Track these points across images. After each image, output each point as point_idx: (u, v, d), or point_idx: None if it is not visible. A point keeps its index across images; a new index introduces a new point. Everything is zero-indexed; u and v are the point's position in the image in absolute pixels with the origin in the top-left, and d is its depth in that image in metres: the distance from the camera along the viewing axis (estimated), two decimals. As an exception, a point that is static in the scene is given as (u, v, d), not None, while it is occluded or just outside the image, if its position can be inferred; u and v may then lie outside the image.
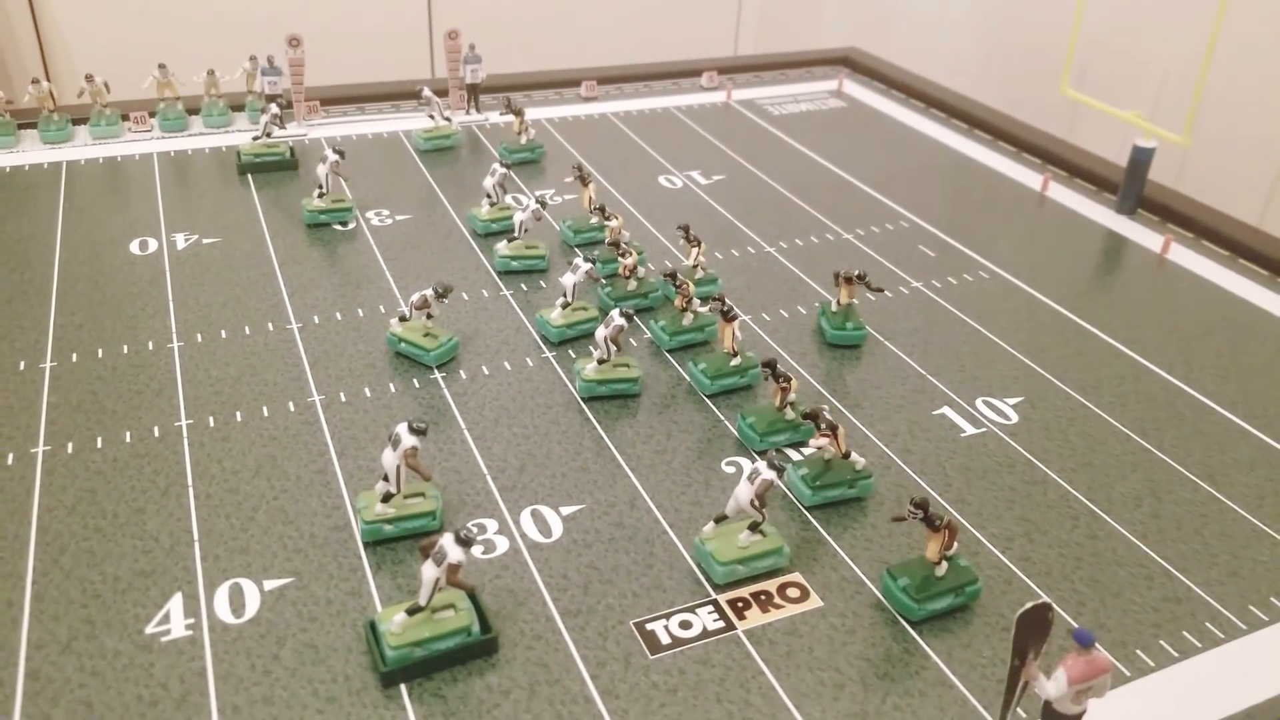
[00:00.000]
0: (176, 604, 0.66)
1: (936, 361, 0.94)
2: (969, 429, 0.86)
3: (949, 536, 0.67)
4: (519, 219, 1.05)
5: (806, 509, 0.76)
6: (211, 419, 0.82)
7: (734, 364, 0.88)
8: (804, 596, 0.68)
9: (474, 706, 0.60)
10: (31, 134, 1.32)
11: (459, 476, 0.77)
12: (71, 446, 0.78)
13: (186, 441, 0.79)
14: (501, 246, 1.05)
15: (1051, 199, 1.29)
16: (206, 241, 1.09)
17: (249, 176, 1.24)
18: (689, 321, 0.93)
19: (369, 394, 0.86)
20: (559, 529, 0.73)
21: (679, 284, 0.94)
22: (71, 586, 0.66)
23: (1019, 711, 0.59)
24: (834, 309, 0.97)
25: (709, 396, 0.87)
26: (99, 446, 0.79)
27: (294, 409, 0.84)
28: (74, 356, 0.89)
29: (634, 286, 0.99)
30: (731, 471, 0.79)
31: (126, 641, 0.63)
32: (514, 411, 0.84)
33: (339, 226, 1.13)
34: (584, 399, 0.86)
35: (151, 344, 0.91)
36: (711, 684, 0.62)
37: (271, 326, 0.94)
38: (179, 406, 0.83)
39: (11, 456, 0.77)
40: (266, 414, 0.83)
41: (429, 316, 0.91)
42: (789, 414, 0.82)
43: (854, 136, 1.47)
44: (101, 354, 0.89)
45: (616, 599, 0.67)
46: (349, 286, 1.01)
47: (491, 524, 0.73)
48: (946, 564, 0.68)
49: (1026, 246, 1.17)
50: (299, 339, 0.93)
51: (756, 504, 0.68)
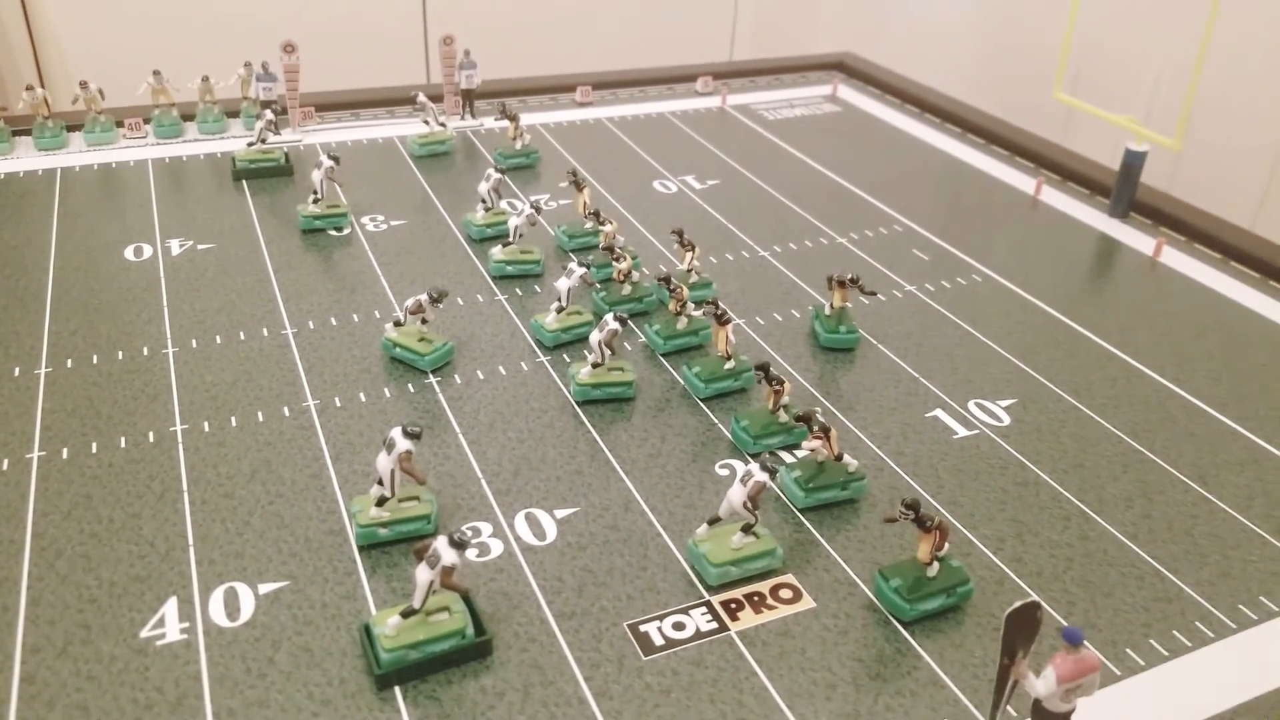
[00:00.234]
0: (172, 608, 0.66)
1: (929, 364, 0.95)
2: (961, 431, 0.86)
3: (940, 537, 0.67)
4: (514, 224, 1.05)
5: (799, 510, 0.76)
6: (206, 424, 0.82)
7: (728, 367, 0.88)
8: (797, 598, 0.69)
9: (468, 708, 0.60)
10: (26, 141, 1.32)
11: (454, 480, 0.78)
12: (67, 452, 0.79)
13: (182, 447, 0.80)
14: (496, 251, 1.06)
15: (1044, 203, 1.30)
16: (201, 247, 1.09)
17: (244, 182, 1.24)
18: (683, 325, 0.94)
19: (364, 399, 0.86)
20: (553, 532, 0.73)
21: (673, 288, 0.94)
22: (67, 591, 0.67)
23: (1009, 710, 0.59)
24: (827, 313, 0.97)
25: (703, 400, 0.88)
26: (94, 452, 0.79)
27: (289, 414, 0.84)
28: (69, 362, 0.89)
29: (628, 291, 0.99)
30: (725, 474, 0.80)
31: (122, 645, 0.63)
32: (509, 416, 0.85)
33: (334, 232, 1.13)
34: (578, 403, 0.86)
35: (146, 350, 0.91)
36: (705, 685, 0.62)
37: (266, 332, 0.95)
38: (174, 412, 0.84)
39: (6, 462, 0.78)
40: (261, 419, 0.83)
41: (424, 321, 0.91)
42: (782, 417, 0.82)
43: (848, 141, 1.47)
44: (96, 360, 0.90)
45: (610, 601, 0.68)
46: (344, 292, 1.02)
47: (486, 527, 0.73)
48: (938, 565, 0.68)
49: (1020, 250, 1.17)
50: (294, 344, 0.93)
51: (749, 506, 0.69)
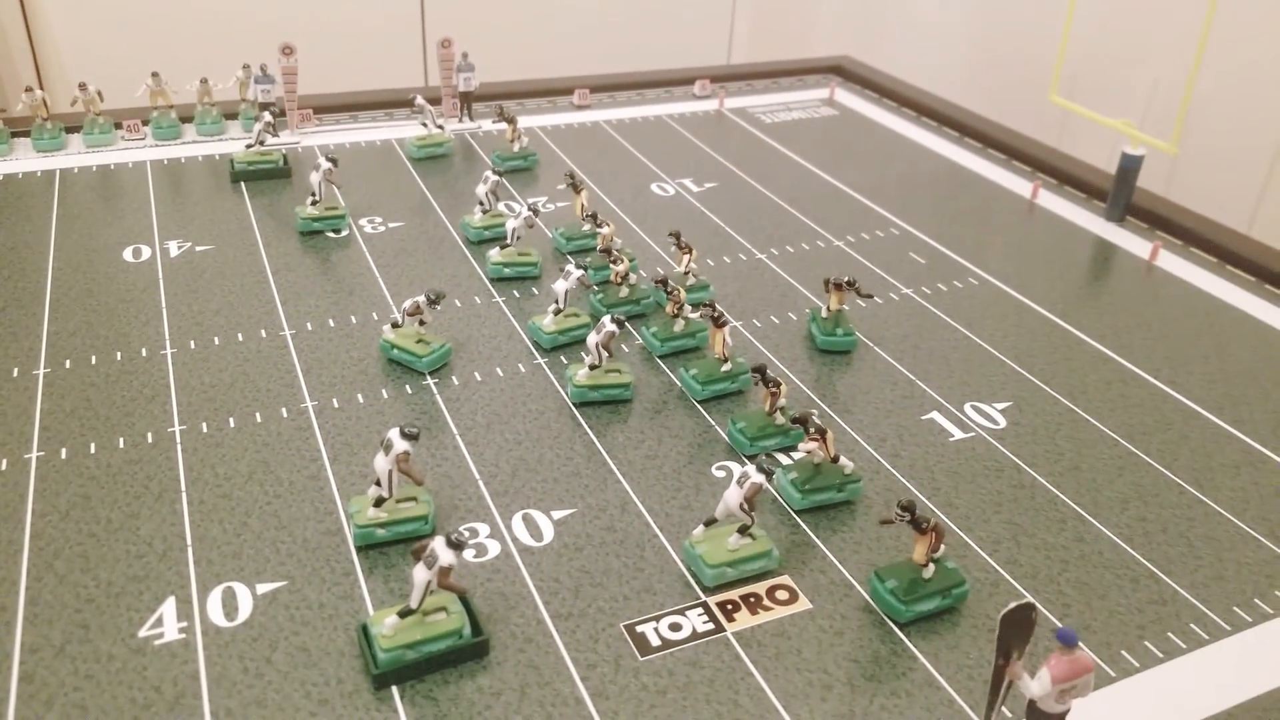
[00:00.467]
0: (170, 608, 0.66)
1: (926, 367, 0.95)
2: (958, 434, 0.86)
3: (936, 539, 0.68)
4: (512, 226, 1.06)
5: (796, 512, 0.76)
6: (205, 425, 0.83)
7: (725, 369, 0.88)
8: (793, 599, 0.69)
9: (465, 708, 0.60)
10: (25, 142, 1.32)
11: (451, 481, 0.78)
12: (65, 452, 0.79)
13: (180, 447, 0.80)
14: (494, 253, 1.06)
15: (1041, 206, 1.30)
16: (200, 249, 1.09)
17: (242, 184, 1.24)
18: (680, 328, 0.94)
19: (361, 400, 0.86)
20: (550, 533, 0.74)
21: (670, 290, 0.95)
22: (65, 591, 0.67)
23: (1004, 711, 0.59)
24: (824, 315, 0.97)
25: (700, 402, 0.88)
26: (92, 452, 0.79)
27: (287, 415, 0.84)
28: (67, 363, 0.89)
29: (626, 293, 0.99)
30: (722, 476, 0.80)
31: (120, 645, 0.63)
32: (506, 417, 0.85)
33: (331, 233, 1.13)
34: (576, 404, 0.86)
35: (145, 351, 0.92)
36: (701, 685, 0.62)
37: (264, 333, 0.95)
38: (172, 413, 0.84)
39: (5, 462, 0.78)
40: (260, 420, 0.83)
41: (421, 323, 0.91)
42: (779, 419, 0.83)
43: (845, 144, 1.48)
44: (95, 360, 0.90)
45: (607, 602, 0.68)
46: (342, 293, 1.02)
47: (483, 528, 0.74)
48: (934, 566, 0.68)
49: (1016, 253, 1.17)
50: (292, 346, 0.93)
51: (745, 507, 0.69)
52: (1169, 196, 1.33)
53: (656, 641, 0.65)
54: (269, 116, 1.28)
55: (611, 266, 1.00)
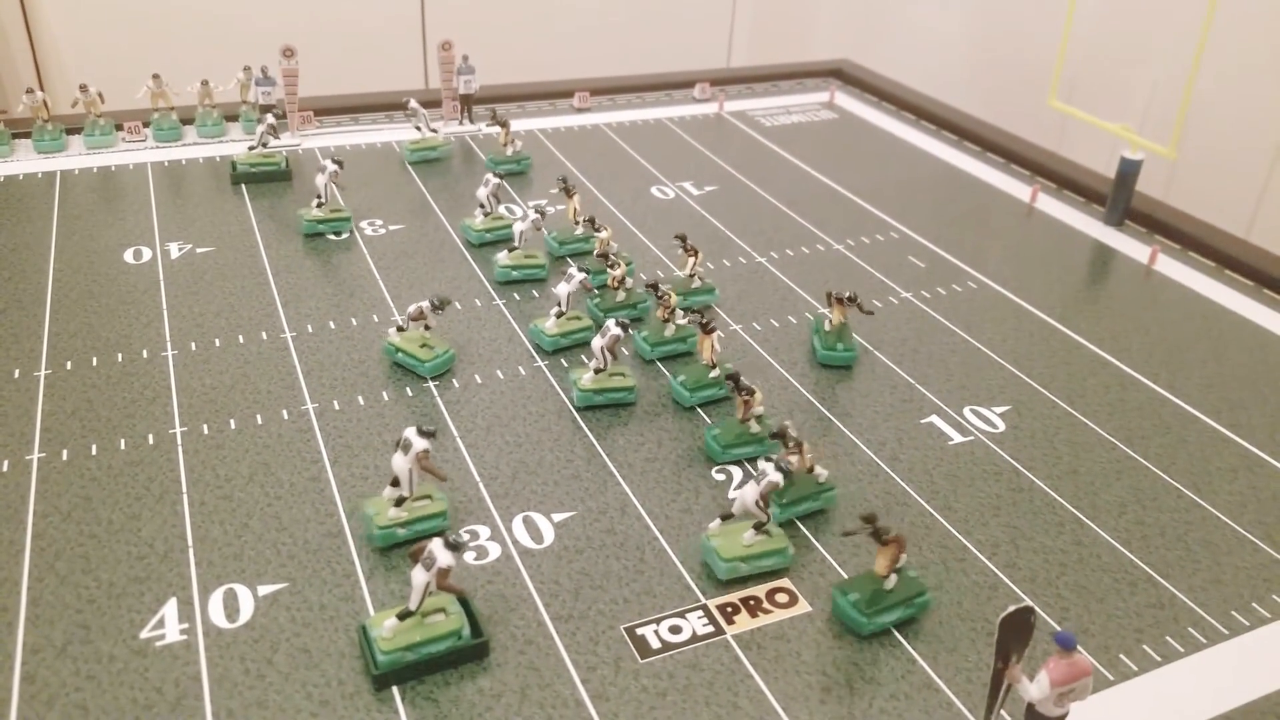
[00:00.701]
0: (171, 609, 0.66)
1: (925, 371, 0.95)
2: (957, 437, 0.87)
3: (897, 550, 0.67)
4: (519, 229, 1.06)
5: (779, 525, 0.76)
6: (206, 426, 0.83)
7: (713, 376, 0.88)
8: (793, 602, 0.69)
9: (466, 710, 0.61)
10: (26, 143, 1.32)
11: (452, 484, 0.78)
12: (66, 454, 0.79)
13: (181, 449, 0.80)
14: (502, 256, 1.06)
15: (1040, 210, 1.30)
16: (200, 251, 1.10)
17: (243, 186, 1.24)
18: (670, 333, 0.94)
19: (362, 402, 0.87)
20: (550, 535, 0.74)
21: (660, 295, 0.95)
22: (67, 592, 0.67)
23: (1002, 714, 0.59)
24: (826, 329, 0.97)
25: (689, 409, 0.88)
26: (94, 454, 0.79)
27: (288, 417, 0.84)
28: (69, 364, 0.90)
29: (623, 297, 0.99)
30: (722, 479, 0.80)
31: (122, 646, 0.63)
32: (506, 420, 0.85)
33: (332, 236, 1.14)
34: (581, 409, 0.87)
35: (146, 352, 0.92)
36: (701, 688, 0.63)
37: (265, 335, 0.95)
38: (173, 414, 0.84)
39: (7, 463, 0.78)
40: (260, 422, 0.84)
41: (427, 328, 0.92)
42: (754, 427, 0.82)
43: (845, 148, 1.48)
44: (96, 362, 0.90)
45: (607, 604, 0.68)
46: (342, 296, 1.02)
47: (484, 530, 0.74)
48: (896, 577, 0.68)
49: (1015, 257, 1.18)
50: (293, 348, 0.93)
51: (761, 505, 0.69)
52: (1168, 201, 1.34)
53: (656, 644, 0.65)
54: (272, 119, 1.28)
55: (609, 271, 1.00)
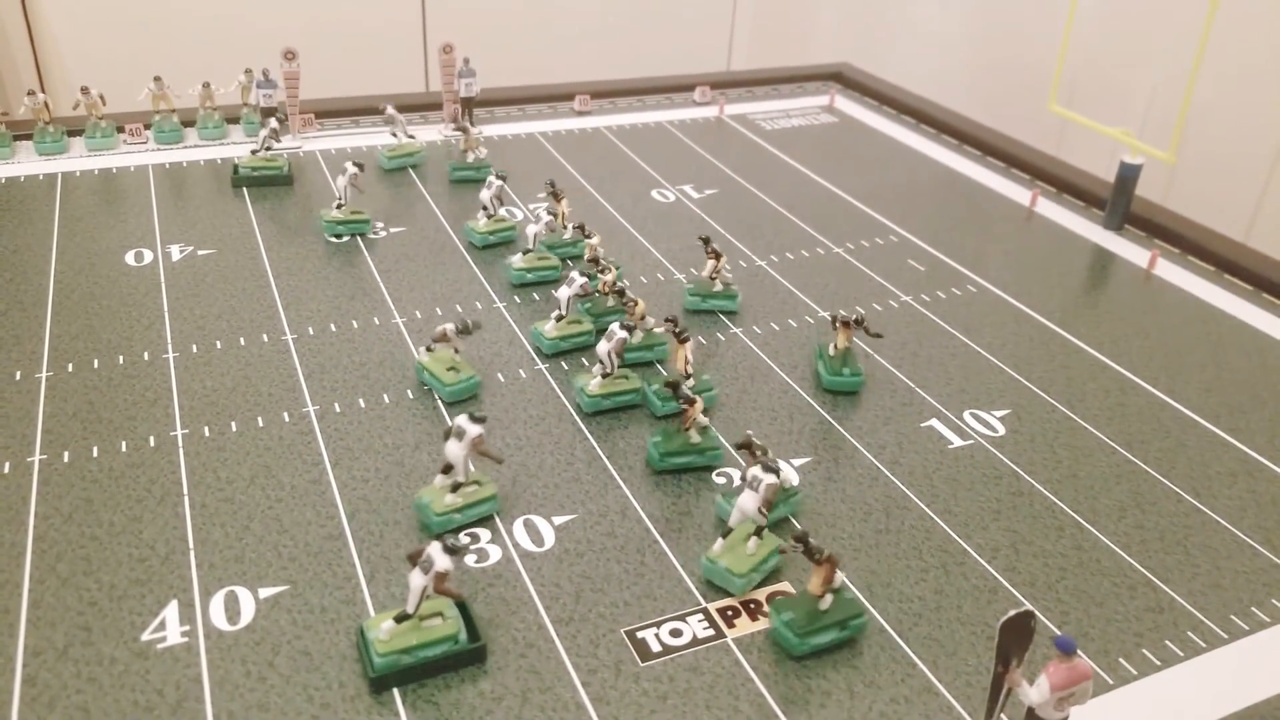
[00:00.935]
0: (172, 611, 0.66)
1: (925, 374, 0.95)
2: (956, 441, 0.87)
3: (830, 570, 0.66)
4: (532, 231, 1.06)
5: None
6: (207, 429, 0.83)
7: (687, 386, 0.88)
8: (793, 605, 0.69)
9: (466, 713, 0.61)
10: (27, 145, 1.33)
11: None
12: (68, 456, 0.79)
13: (182, 451, 0.80)
14: (516, 260, 1.06)
15: (1040, 214, 1.31)
16: (202, 253, 1.10)
17: (244, 189, 1.24)
18: (638, 339, 0.93)
19: (363, 405, 0.87)
20: (551, 538, 0.74)
21: (626, 301, 0.94)
22: (68, 594, 0.67)
23: (1002, 718, 0.60)
24: (830, 353, 0.93)
25: (660, 418, 0.87)
26: (95, 456, 0.79)
27: (289, 419, 0.84)
28: (70, 367, 0.90)
29: (613, 302, 0.99)
30: (722, 482, 0.80)
31: (122, 648, 0.63)
32: (507, 423, 0.85)
33: (339, 239, 1.14)
34: (590, 414, 0.86)
35: (147, 354, 0.92)
36: (701, 691, 0.63)
37: (266, 338, 0.95)
38: (174, 416, 0.84)
39: (8, 465, 0.78)
40: (261, 424, 0.84)
41: (457, 351, 0.89)
42: (694, 436, 0.81)
43: (845, 151, 1.48)
44: (97, 364, 0.90)
45: (608, 607, 0.68)
46: (343, 298, 1.02)
47: (485, 533, 0.74)
48: (831, 597, 0.66)
49: (1015, 261, 1.18)
50: (294, 350, 0.94)
51: (764, 511, 0.70)
52: (1167, 205, 1.34)
53: (657, 647, 0.66)
54: (275, 123, 1.28)
55: (600, 276, 1.00)
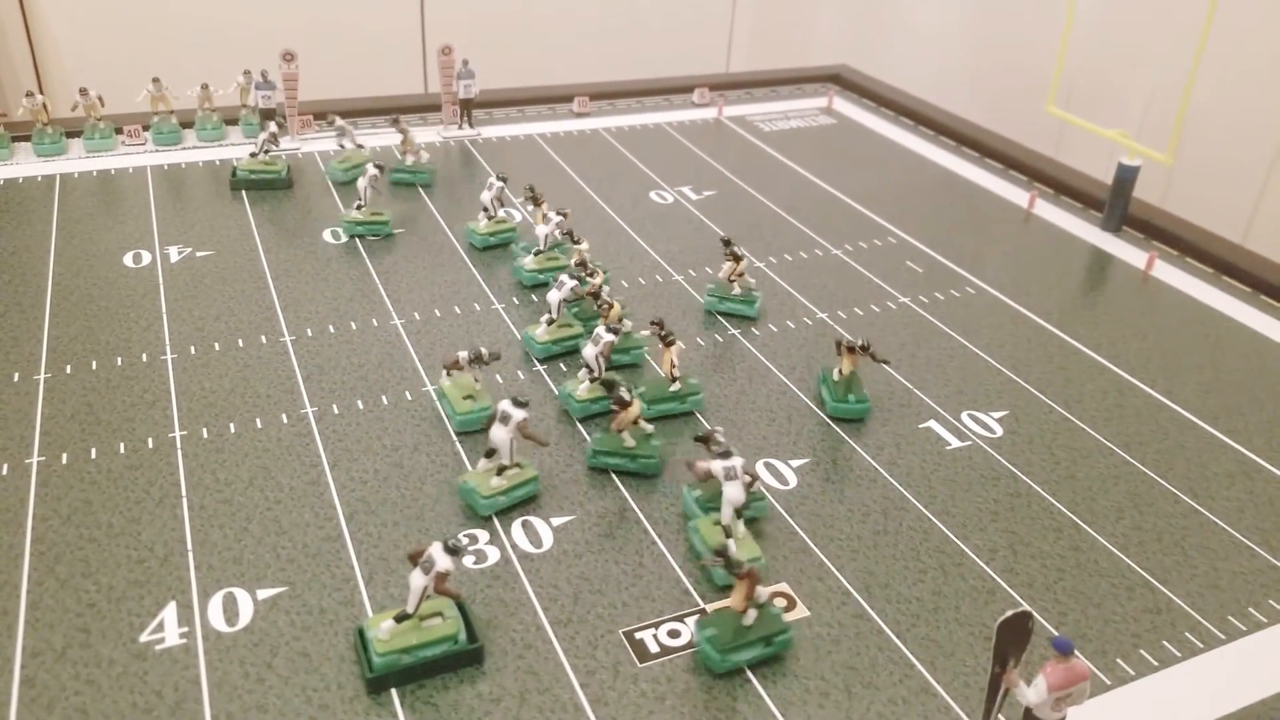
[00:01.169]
0: (171, 613, 0.66)
1: (923, 376, 0.96)
2: (954, 442, 0.87)
3: (750, 585, 0.64)
4: (543, 232, 1.06)
5: (745, 522, 0.75)
6: (205, 430, 0.83)
7: (673, 389, 0.88)
8: (790, 606, 0.69)
9: (465, 714, 0.61)
10: (25, 147, 1.33)
11: (450, 488, 0.78)
12: (66, 457, 0.79)
13: (180, 453, 0.80)
14: (528, 261, 1.06)
15: (1038, 216, 1.31)
16: (200, 255, 1.10)
17: (242, 191, 1.24)
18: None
19: (361, 406, 0.87)
20: (549, 539, 0.74)
21: (600, 304, 0.94)
22: (66, 595, 0.67)
23: (1000, 718, 0.60)
24: (835, 379, 0.90)
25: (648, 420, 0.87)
26: (93, 457, 0.79)
27: (287, 421, 0.84)
28: (68, 368, 0.90)
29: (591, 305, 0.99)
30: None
31: (121, 650, 0.63)
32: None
33: (338, 241, 1.14)
34: (580, 419, 0.86)
35: (145, 356, 0.92)
36: (699, 692, 0.63)
37: (265, 339, 0.95)
38: (173, 418, 0.84)
39: (6, 467, 0.78)
40: (260, 426, 0.84)
41: (476, 379, 0.87)
42: (627, 440, 0.81)
43: (843, 153, 1.48)
44: (95, 366, 0.90)
45: (606, 608, 0.68)
46: (341, 300, 1.02)
47: (483, 534, 0.74)
48: (755, 613, 0.65)
49: (1013, 263, 1.18)
50: (292, 352, 0.94)
51: (751, 493, 0.72)
52: (1165, 207, 1.34)
53: (655, 648, 0.66)
54: (274, 126, 1.28)
55: (588, 280, 1.00)
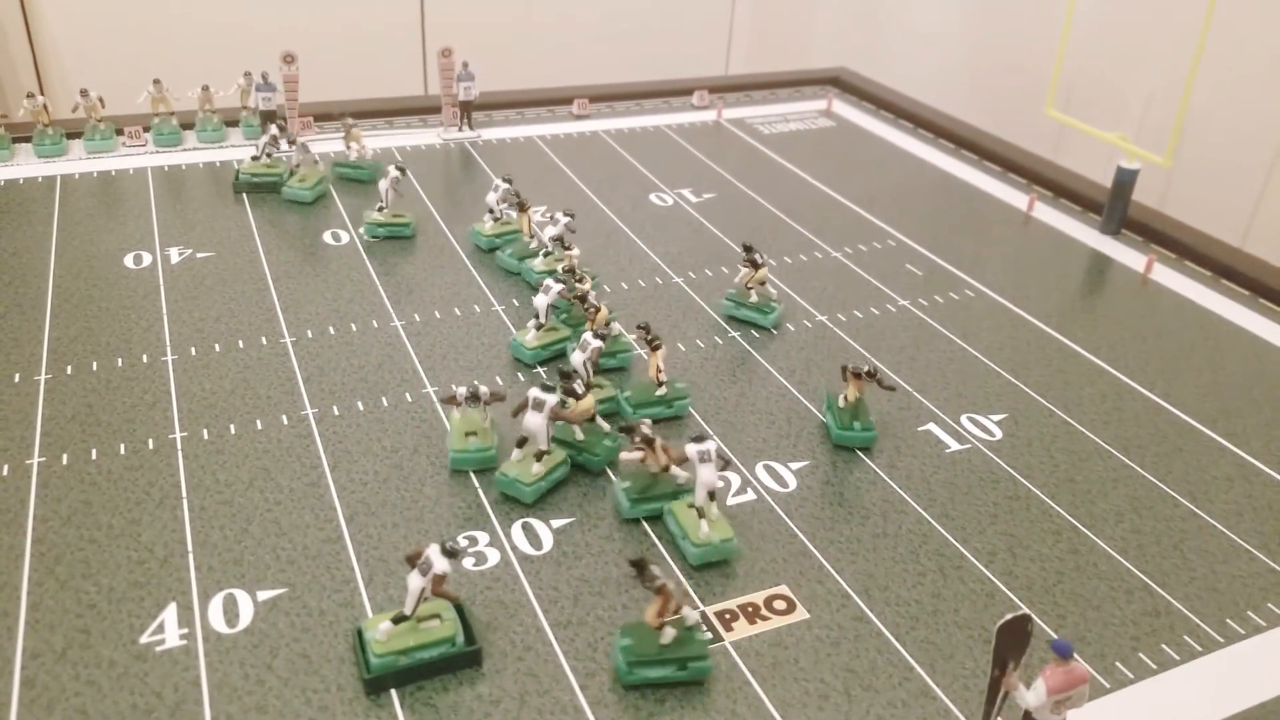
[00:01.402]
0: (171, 614, 0.66)
1: (922, 378, 0.96)
2: (954, 445, 0.87)
3: (663, 602, 0.63)
4: (551, 233, 1.06)
5: (625, 521, 0.76)
6: (205, 432, 0.83)
7: (659, 394, 0.88)
8: (790, 609, 0.69)
9: (464, 716, 0.61)
10: (26, 148, 1.33)
11: (450, 489, 0.78)
12: (66, 458, 0.79)
13: (181, 454, 0.80)
14: (538, 263, 1.06)
15: (1037, 219, 1.31)
16: (200, 256, 1.10)
17: (243, 193, 1.24)
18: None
19: (361, 408, 0.87)
20: (549, 541, 0.74)
21: (588, 308, 0.94)
22: (67, 596, 0.67)
23: (1000, 722, 0.60)
24: (840, 405, 0.87)
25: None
26: (94, 458, 0.79)
27: (287, 422, 0.85)
28: (69, 369, 0.90)
29: (578, 309, 0.99)
30: (720, 486, 0.80)
31: (121, 651, 0.64)
32: (506, 425, 0.85)
33: (339, 243, 1.14)
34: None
35: (146, 357, 0.92)
36: (699, 694, 0.63)
37: (265, 340, 0.95)
38: (173, 419, 0.84)
39: (7, 468, 0.78)
40: (260, 427, 0.84)
41: (484, 416, 0.84)
42: (577, 433, 0.81)
43: (842, 156, 1.48)
44: (96, 367, 0.90)
45: (606, 610, 0.68)
46: (342, 301, 1.02)
47: (483, 536, 0.74)
48: (673, 631, 0.64)
49: (1012, 266, 1.18)
50: (292, 353, 0.94)
51: (724, 474, 0.74)
52: (1164, 210, 1.34)
53: (655, 650, 0.66)
54: (276, 130, 1.28)
55: (576, 285, 0.99)
